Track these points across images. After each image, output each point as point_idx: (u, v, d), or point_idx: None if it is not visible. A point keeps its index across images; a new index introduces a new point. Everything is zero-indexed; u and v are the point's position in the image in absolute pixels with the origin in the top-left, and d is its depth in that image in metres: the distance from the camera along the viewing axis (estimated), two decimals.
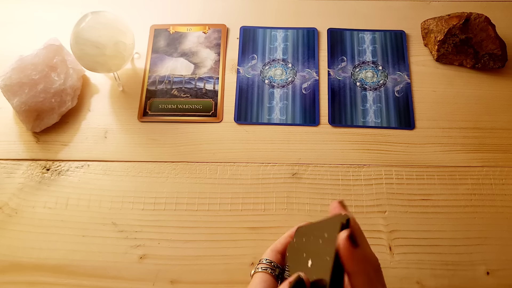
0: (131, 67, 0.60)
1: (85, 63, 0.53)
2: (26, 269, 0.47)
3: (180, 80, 0.59)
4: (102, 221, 0.50)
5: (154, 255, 0.48)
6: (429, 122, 0.55)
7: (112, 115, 0.57)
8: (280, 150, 0.54)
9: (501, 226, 0.49)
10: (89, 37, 0.51)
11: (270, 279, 0.33)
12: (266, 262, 0.35)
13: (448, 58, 0.58)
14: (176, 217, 0.50)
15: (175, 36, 0.62)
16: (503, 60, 0.57)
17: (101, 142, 0.55)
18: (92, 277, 0.47)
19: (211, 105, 0.57)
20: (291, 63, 0.59)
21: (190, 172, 0.52)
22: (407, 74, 0.58)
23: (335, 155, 0.53)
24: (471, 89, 0.57)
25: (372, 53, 0.60)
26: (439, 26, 0.57)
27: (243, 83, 0.58)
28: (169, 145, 0.54)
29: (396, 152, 0.53)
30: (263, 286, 0.33)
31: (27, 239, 0.49)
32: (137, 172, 0.53)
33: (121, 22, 0.53)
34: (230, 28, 0.62)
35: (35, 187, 0.52)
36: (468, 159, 0.53)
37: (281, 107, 0.56)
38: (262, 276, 0.34)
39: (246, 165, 0.53)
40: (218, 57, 0.60)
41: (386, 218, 0.49)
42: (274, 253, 0.35)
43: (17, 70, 0.53)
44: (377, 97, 0.57)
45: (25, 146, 0.55)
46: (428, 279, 0.46)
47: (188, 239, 0.49)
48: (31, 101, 0.53)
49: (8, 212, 0.50)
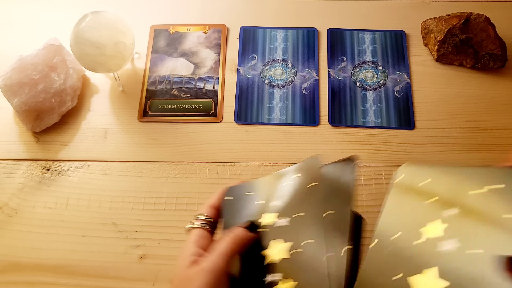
0: (131, 67, 0.60)
1: (85, 63, 0.53)
2: (26, 269, 0.47)
3: (180, 80, 0.59)
4: (102, 221, 0.50)
5: (154, 255, 0.48)
6: (429, 122, 0.55)
7: (112, 115, 0.57)
8: (280, 150, 0.54)
9: None
10: (89, 37, 0.51)
11: (207, 235, 0.33)
12: (202, 217, 0.34)
13: (448, 58, 0.58)
14: (176, 217, 0.50)
15: (175, 36, 0.62)
16: (503, 60, 0.57)
17: (101, 142, 0.55)
18: (92, 277, 0.47)
19: (211, 105, 0.57)
20: (291, 63, 0.59)
21: (190, 172, 0.52)
22: (407, 74, 0.58)
23: (335, 155, 0.53)
24: (471, 89, 0.57)
25: (372, 53, 0.60)
26: (439, 26, 0.57)
27: (243, 83, 0.58)
28: (169, 145, 0.54)
29: (396, 152, 0.53)
30: (201, 242, 0.32)
31: (27, 239, 0.49)
32: (137, 172, 0.53)
33: (121, 22, 0.53)
34: (230, 28, 0.62)
35: (35, 187, 0.52)
36: (468, 159, 0.52)
37: (281, 107, 0.56)
38: (199, 232, 0.33)
39: (246, 165, 0.53)
40: (218, 57, 0.60)
41: None
42: (209, 208, 0.35)
43: (17, 70, 0.53)
44: (377, 97, 0.57)
45: (25, 146, 0.54)
46: None
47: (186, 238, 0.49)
48: (31, 101, 0.53)
49: (8, 212, 0.50)
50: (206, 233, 0.33)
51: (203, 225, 0.34)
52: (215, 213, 0.35)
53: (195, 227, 0.33)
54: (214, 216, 0.35)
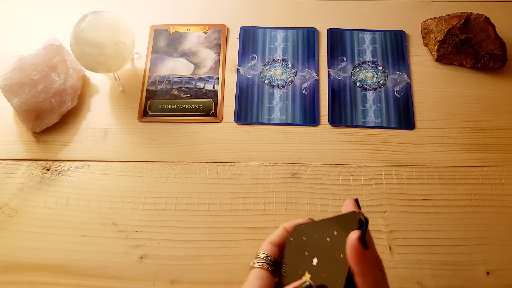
0: (131, 67, 0.60)
1: (85, 63, 0.53)
2: (26, 269, 0.47)
3: (180, 80, 0.59)
4: (102, 221, 0.50)
5: (154, 255, 0.48)
6: (429, 122, 0.55)
7: (112, 115, 0.57)
8: (280, 150, 0.54)
9: (501, 226, 0.49)
10: (89, 37, 0.51)
11: (267, 275, 0.33)
12: (263, 256, 0.34)
13: (448, 58, 0.58)
14: (176, 217, 0.50)
15: (175, 36, 0.62)
16: (503, 60, 0.57)
17: (101, 142, 0.55)
18: (92, 277, 0.47)
19: (211, 105, 0.57)
20: (291, 63, 0.59)
21: (190, 172, 0.52)
22: (407, 74, 0.58)
23: (335, 155, 0.53)
24: (471, 89, 0.57)
25: (372, 53, 0.60)
26: (439, 26, 0.57)
27: (243, 83, 0.58)
28: (169, 145, 0.54)
29: (396, 152, 0.53)
30: (260, 283, 0.32)
31: (27, 239, 0.49)
32: (137, 172, 0.53)
33: (121, 22, 0.53)
34: (230, 28, 0.62)
35: (35, 187, 0.52)
36: (468, 159, 0.53)
37: (281, 107, 0.56)
38: (259, 272, 0.33)
39: (246, 165, 0.53)
40: (218, 57, 0.60)
41: (386, 218, 0.49)
42: (271, 246, 0.34)
43: (17, 70, 0.53)
44: (377, 97, 0.57)
45: (25, 146, 0.55)
46: (428, 279, 0.46)
47: (188, 239, 0.49)
48: (31, 101, 0.53)
49: (8, 212, 0.50)
50: (265, 273, 0.33)
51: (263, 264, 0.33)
52: (276, 252, 0.34)
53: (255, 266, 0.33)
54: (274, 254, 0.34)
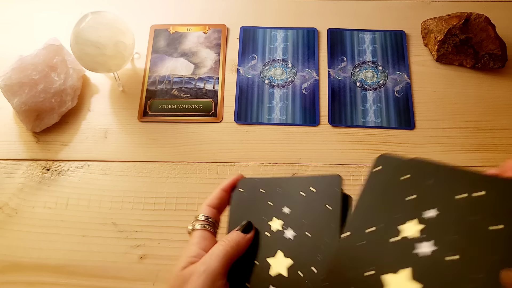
0: (131, 67, 0.60)
1: (85, 63, 0.53)
2: (26, 269, 0.47)
3: (180, 80, 0.59)
4: (102, 221, 0.50)
5: (154, 255, 0.48)
6: (429, 122, 0.55)
7: (112, 115, 0.57)
8: (280, 150, 0.54)
9: None
10: (89, 37, 0.51)
11: (210, 236, 0.33)
12: (203, 218, 0.34)
13: (448, 58, 0.58)
14: (176, 217, 0.50)
15: (175, 36, 0.62)
16: (503, 60, 0.57)
17: (101, 142, 0.55)
18: (92, 277, 0.47)
19: (211, 105, 0.57)
20: (291, 63, 0.59)
21: (190, 172, 0.52)
22: (407, 74, 0.58)
23: (335, 155, 0.53)
24: (471, 89, 0.57)
25: (372, 53, 0.60)
26: (439, 26, 0.57)
27: (243, 83, 0.58)
28: (169, 145, 0.54)
29: (396, 152, 0.53)
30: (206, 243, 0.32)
31: (27, 239, 0.49)
32: (137, 172, 0.53)
33: (121, 22, 0.53)
34: (230, 28, 0.62)
35: (35, 187, 0.52)
36: (468, 159, 0.53)
37: (281, 107, 0.56)
38: (203, 233, 0.33)
39: (246, 165, 0.53)
40: (218, 57, 0.60)
41: None
42: (210, 208, 0.35)
43: (17, 70, 0.53)
44: (377, 97, 0.57)
45: (25, 146, 0.54)
46: None
47: (188, 239, 0.49)
48: (31, 101, 0.53)
49: (8, 212, 0.50)
50: (208, 234, 0.33)
51: (205, 226, 0.33)
52: (215, 213, 0.35)
53: (196, 228, 0.33)
54: (214, 216, 0.34)
